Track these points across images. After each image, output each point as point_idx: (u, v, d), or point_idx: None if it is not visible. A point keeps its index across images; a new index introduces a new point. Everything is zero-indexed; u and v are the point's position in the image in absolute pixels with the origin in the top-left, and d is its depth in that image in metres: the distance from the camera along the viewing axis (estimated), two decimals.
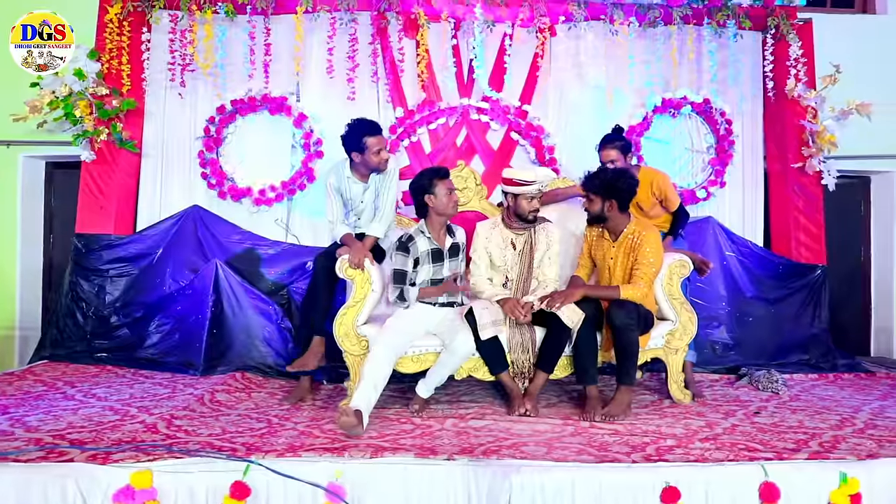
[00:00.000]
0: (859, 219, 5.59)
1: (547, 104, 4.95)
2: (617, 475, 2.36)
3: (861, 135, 4.93)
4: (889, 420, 3.15)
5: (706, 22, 4.90)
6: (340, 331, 3.32)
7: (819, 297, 4.78)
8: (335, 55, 4.74)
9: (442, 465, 2.38)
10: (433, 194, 3.33)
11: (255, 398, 3.57)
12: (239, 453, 2.46)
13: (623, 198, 3.32)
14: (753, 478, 2.37)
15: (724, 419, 3.16)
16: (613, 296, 3.26)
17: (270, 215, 4.82)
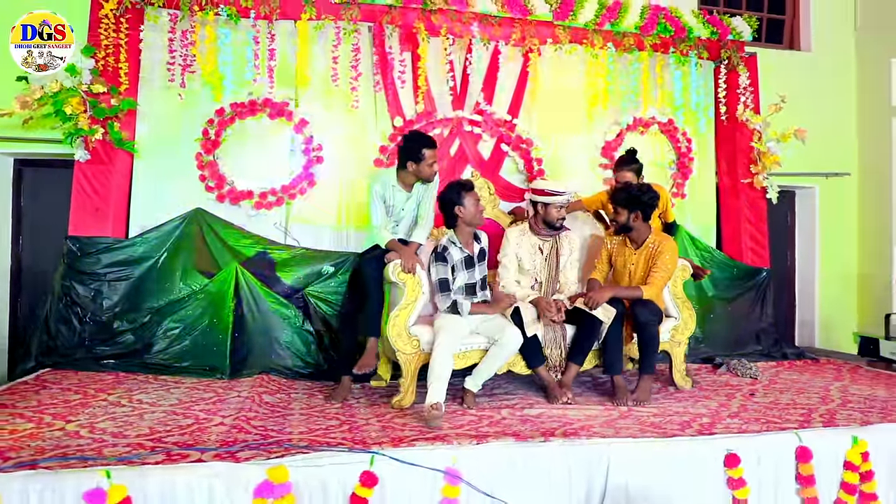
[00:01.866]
0: (786, 227, 6.44)
1: (533, 118, 5.34)
2: (686, 446, 2.77)
3: (790, 155, 5.72)
4: (855, 396, 3.80)
5: (671, 51, 5.51)
6: (394, 331, 3.51)
7: (765, 295, 5.50)
8: (339, 63, 4.88)
9: (541, 446, 2.67)
10: (462, 205, 3.59)
11: (298, 398, 3.67)
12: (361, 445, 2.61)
13: (647, 210, 3.75)
14: (790, 443, 2.86)
15: (729, 400, 3.67)
16: (637, 295, 3.68)
17: (269, 219, 4.85)
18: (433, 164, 3.70)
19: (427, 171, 3.68)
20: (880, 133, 6.02)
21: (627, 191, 3.72)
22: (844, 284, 6.28)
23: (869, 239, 6.18)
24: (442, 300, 3.57)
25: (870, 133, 6.14)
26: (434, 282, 3.60)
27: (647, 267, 3.77)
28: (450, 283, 3.59)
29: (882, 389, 3.99)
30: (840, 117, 6.23)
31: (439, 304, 3.59)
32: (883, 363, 4.82)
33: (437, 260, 3.61)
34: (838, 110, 6.23)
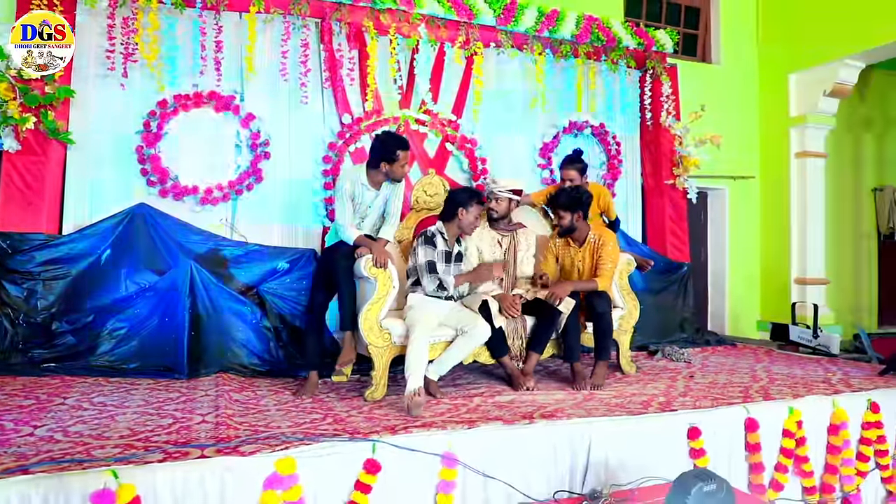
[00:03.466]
0: (700, 225, 7.00)
1: (476, 118, 5.51)
2: (655, 422, 3.02)
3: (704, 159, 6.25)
4: (778, 374, 4.25)
5: (603, 59, 5.86)
6: (366, 325, 3.55)
7: (686, 287, 5.97)
8: (288, 58, 4.84)
9: (527, 427, 2.83)
10: (467, 211, 3.76)
11: (263, 395, 3.62)
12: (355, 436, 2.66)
13: (585, 209, 4.01)
14: (740, 415, 3.19)
15: (674, 382, 4.00)
16: (593, 287, 3.93)
17: (214, 215, 4.74)
18: (405, 166, 3.78)
19: (399, 171, 3.75)
20: (780, 141, 6.69)
21: (567, 194, 3.97)
22: (749, 278, 6.92)
23: (770, 236, 6.85)
24: (429, 281, 3.67)
25: (771, 141, 6.81)
26: (422, 263, 3.69)
27: (592, 261, 4.03)
28: (437, 265, 3.69)
29: (798, 368, 4.48)
30: (745, 125, 6.87)
31: (426, 285, 3.68)
32: (791, 346, 5.38)
33: (426, 243, 3.72)
34: (744, 119, 6.86)
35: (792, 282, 6.60)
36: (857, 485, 3.48)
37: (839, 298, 7.10)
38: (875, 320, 7.53)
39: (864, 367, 4.55)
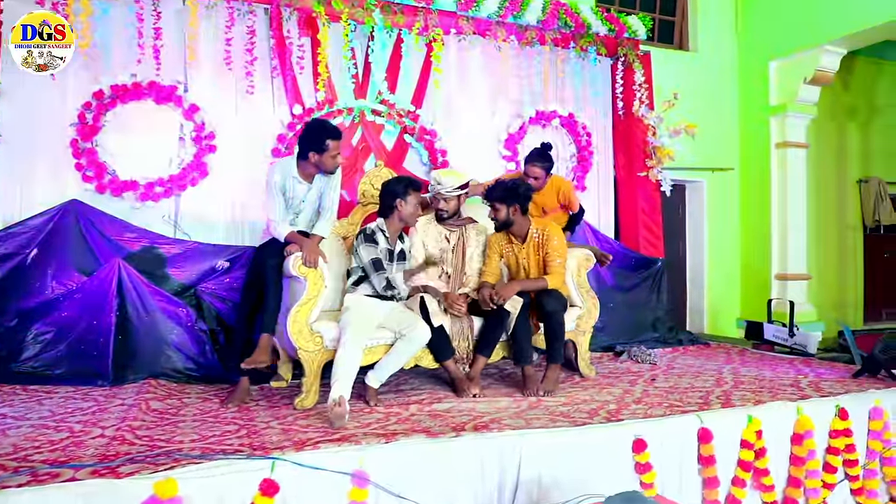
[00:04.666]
0: (677, 219, 6.75)
1: (437, 109, 5.26)
2: (596, 434, 2.77)
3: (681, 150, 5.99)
4: (745, 376, 4.00)
5: (572, 46, 5.60)
6: (294, 328, 3.31)
7: (660, 284, 5.71)
8: (233, 46, 4.59)
9: (452, 441, 2.59)
10: (405, 201, 3.50)
11: (191, 403, 3.39)
12: (262, 451, 2.42)
13: (523, 202, 3.75)
14: (692, 425, 2.94)
15: (632, 386, 3.76)
16: (542, 286, 3.68)
17: (157, 212, 4.49)
18: (336, 157, 3.51)
19: (330, 162, 3.49)
20: (760, 131, 6.42)
21: (502, 186, 3.72)
22: (729, 273, 6.67)
23: (750, 231, 6.59)
24: (377, 279, 3.43)
25: (750, 131, 6.55)
26: (367, 263, 3.45)
27: (538, 258, 3.78)
28: (383, 262, 3.45)
29: (768, 370, 4.23)
30: (724, 115, 6.61)
31: (376, 283, 3.44)
32: (766, 345, 5.13)
33: (367, 241, 3.48)
34: (723, 108, 6.60)
35: (772, 278, 6.34)
36: (824, 498, 3.23)
37: (822, 294, 6.85)
38: (860, 316, 7.28)
39: (840, 367, 4.31)
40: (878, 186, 7.18)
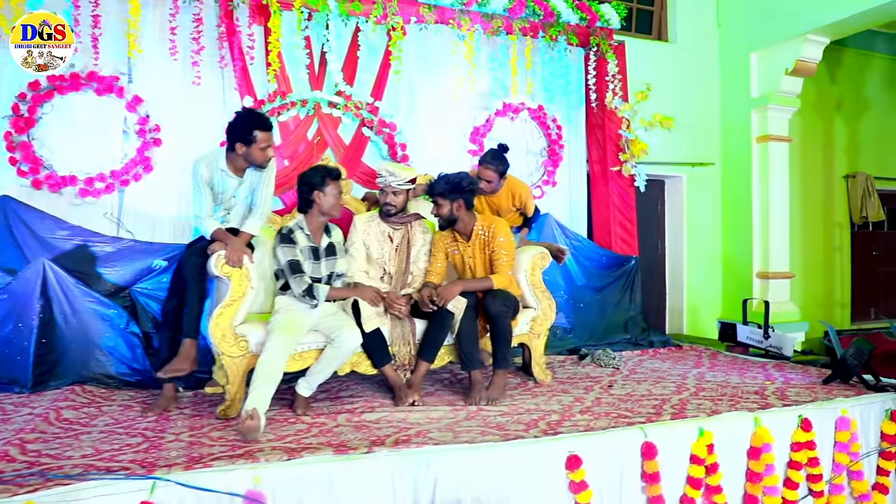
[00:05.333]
0: (657, 216, 6.50)
1: (398, 101, 5.03)
2: (527, 449, 2.54)
3: (660, 144, 5.75)
4: (710, 383, 3.77)
5: (541, 35, 5.36)
6: (217, 332, 3.10)
7: (633, 284, 5.47)
8: (178, 35, 4.37)
9: (363, 458, 2.37)
10: (323, 192, 3.27)
11: (109, 412, 3.18)
12: (143, 470, 2.20)
13: (468, 197, 3.53)
14: (636, 439, 2.70)
15: (587, 394, 3.53)
16: (488, 286, 3.46)
17: (97, 209, 4.28)
18: (267, 149, 3.28)
19: (259, 155, 3.27)
20: (741, 124, 6.17)
21: (444, 180, 3.49)
22: (710, 272, 6.42)
23: (732, 228, 6.34)
24: (296, 283, 3.19)
25: (731, 124, 6.29)
26: (284, 264, 3.23)
27: (484, 256, 3.56)
28: (301, 264, 3.23)
29: (736, 375, 3.99)
30: (704, 108, 6.35)
31: (294, 287, 3.20)
32: (740, 347, 4.89)
33: (283, 242, 3.25)
34: (703, 101, 6.35)
35: (754, 276, 6.09)
36: None
37: (808, 293, 6.61)
38: (848, 316, 7.02)
39: (813, 372, 4.06)
40: (866, 182, 6.91)
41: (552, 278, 5.15)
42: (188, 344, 3.15)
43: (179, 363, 3.11)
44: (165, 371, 3.08)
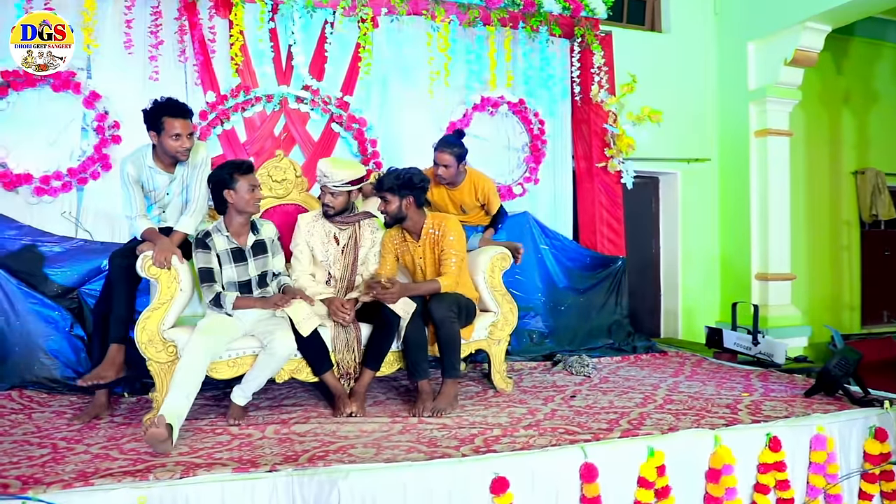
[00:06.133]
0: (650, 215, 6.22)
1: (369, 96, 4.85)
2: (447, 471, 2.33)
3: (653, 140, 5.49)
4: (681, 394, 3.51)
5: (521, 26, 5.12)
6: (144, 336, 2.94)
7: (620, 286, 5.21)
8: (134, 29, 4.23)
9: (263, 478, 2.18)
10: (233, 189, 3.06)
11: (38, 419, 3.06)
12: (12, 490, 2.05)
13: (419, 194, 3.32)
14: (574, 460, 2.47)
15: (545, 405, 3.30)
16: (435, 289, 3.25)
17: (55, 208, 4.17)
18: (179, 138, 3.09)
19: (171, 145, 3.08)
20: (739, 118, 5.86)
21: (394, 174, 3.29)
22: (707, 273, 6.12)
23: (730, 227, 6.03)
24: (205, 291, 3.03)
25: (728, 118, 5.98)
26: (197, 271, 3.06)
27: (434, 257, 3.36)
28: (214, 273, 3.05)
29: (713, 385, 3.73)
30: (700, 101, 6.05)
31: (204, 295, 3.05)
32: (728, 354, 4.60)
33: (198, 247, 3.08)
34: (698, 94, 6.05)
35: (753, 277, 5.78)
36: None
37: (812, 296, 6.27)
38: (857, 319, 6.65)
39: (799, 383, 3.77)
40: (876, 178, 6.53)
41: (529, 279, 4.94)
42: (114, 349, 3.00)
43: (103, 370, 2.96)
44: (86, 379, 2.94)
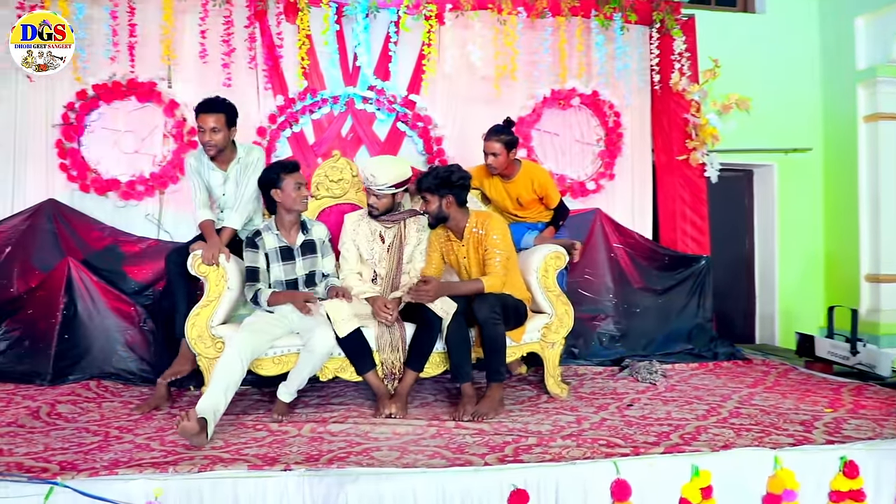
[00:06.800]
0: (744, 210, 5.74)
1: (435, 94, 4.80)
2: (463, 480, 2.23)
3: (745, 129, 5.07)
4: (753, 407, 3.18)
5: (594, 14, 4.88)
6: (194, 332, 3.06)
7: (703, 287, 4.83)
8: (209, 39, 4.44)
9: (276, 476, 2.19)
10: (280, 189, 3.15)
11: (106, 408, 3.26)
12: (47, 474, 2.18)
13: (459, 192, 3.22)
14: (605, 476, 2.29)
15: (596, 413, 3.11)
16: (478, 288, 3.14)
17: (140, 210, 4.47)
18: (211, 131, 3.25)
19: (201, 139, 3.30)
20: (845, 102, 5.27)
21: (433, 173, 3.21)
22: (808, 274, 5.56)
23: (835, 222, 5.45)
24: (247, 290, 3.13)
25: (833, 103, 5.40)
26: (243, 268, 3.15)
27: (479, 257, 3.24)
28: (259, 272, 3.13)
29: (793, 398, 3.35)
30: (800, 86, 5.51)
31: (245, 294, 3.14)
32: (822, 364, 4.13)
33: (247, 246, 3.19)
34: (797, 78, 5.50)
35: (862, 279, 5.18)
36: None
37: None
38: None
39: None
40: None
41: (599, 280, 4.69)
42: (184, 344, 3.15)
43: (178, 365, 3.15)
44: (165, 375, 3.12)
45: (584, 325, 4.53)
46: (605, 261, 4.73)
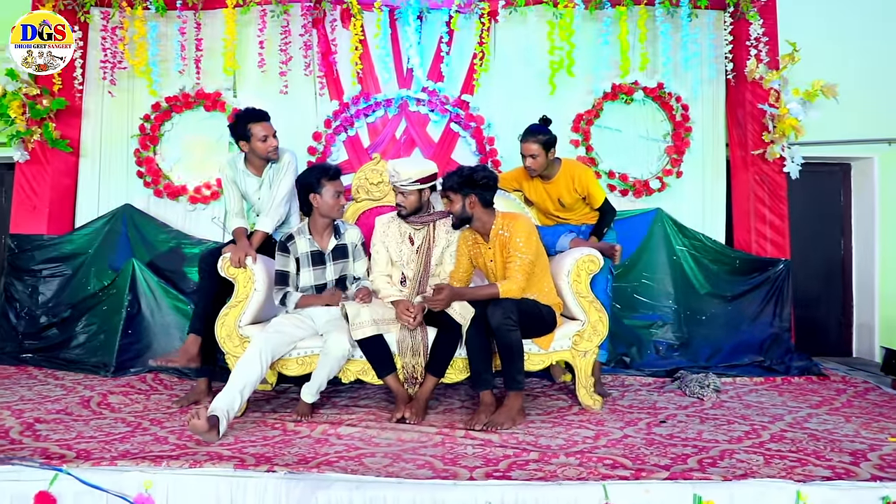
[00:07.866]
0: (838, 209, 5.17)
1: (489, 93, 4.72)
2: (437, 493, 2.15)
3: (839, 119, 4.58)
4: (802, 431, 2.84)
5: (658, 2, 4.59)
6: (223, 332, 3.20)
7: (781, 293, 4.41)
8: (266, 48, 4.62)
9: (257, 477, 2.23)
10: (319, 194, 3.20)
11: (152, 400, 3.48)
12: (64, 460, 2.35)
13: (483, 193, 3.10)
14: (591, 500, 2.13)
15: (621, 429, 2.91)
16: (493, 293, 3.03)
17: (207, 214, 4.75)
18: (267, 139, 3.35)
19: (261, 147, 3.35)
20: None
21: (457, 173, 3.11)
22: None
23: None
24: (276, 293, 3.21)
25: None
26: (273, 272, 3.25)
27: (503, 259, 3.11)
28: (289, 276, 3.22)
29: (857, 423, 2.96)
30: None
31: (274, 297, 3.23)
32: None
33: (279, 249, 3.27)
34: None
35: None
36: None
37: None
38: None
39: None
40: None
41: (659, 284, 4.42)
42: (190, 339, 3.29)
43: (172, 354, 3.27)
44: (156, 359, 3.25)
45: (639, 333, 4.29)
46: (665, 264, 4.44)
